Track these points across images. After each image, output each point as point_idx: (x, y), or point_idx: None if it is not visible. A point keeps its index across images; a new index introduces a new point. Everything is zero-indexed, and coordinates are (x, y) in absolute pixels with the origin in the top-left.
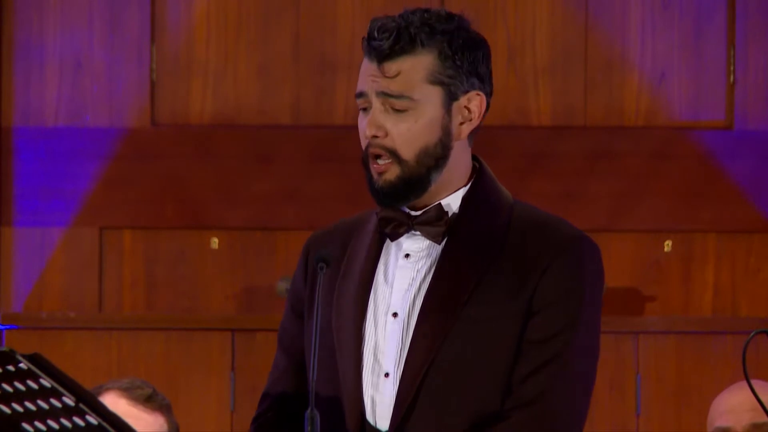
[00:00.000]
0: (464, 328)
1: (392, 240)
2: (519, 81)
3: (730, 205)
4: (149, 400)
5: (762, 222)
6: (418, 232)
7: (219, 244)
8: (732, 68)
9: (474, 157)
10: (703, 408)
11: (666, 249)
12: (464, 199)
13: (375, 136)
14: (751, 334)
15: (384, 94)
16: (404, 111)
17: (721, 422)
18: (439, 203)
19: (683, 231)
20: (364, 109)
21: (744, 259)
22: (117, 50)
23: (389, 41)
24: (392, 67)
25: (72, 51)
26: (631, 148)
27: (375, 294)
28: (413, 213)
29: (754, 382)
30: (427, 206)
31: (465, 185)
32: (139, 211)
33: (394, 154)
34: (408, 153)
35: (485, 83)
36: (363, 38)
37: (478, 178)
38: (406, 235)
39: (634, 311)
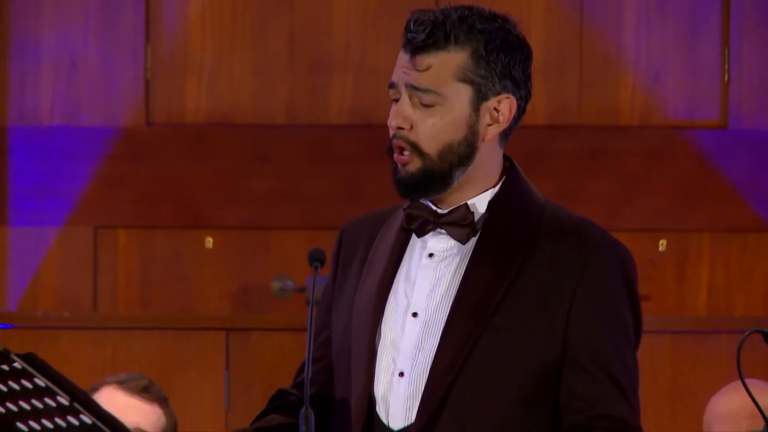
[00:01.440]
0: (492, 338)
1: (419, 236)
2: None
3: (725, 204)
4: (145, 391)
5: (757, 221)
6: (443, 231)
7: (214, 243)
8: (726, 67)
9: (506, 158)
10: (699, 407)
11: (661, 248)
12: (493, 201)
13: (400, 128)
14: (746, 333)
15: (412, 87)
16: (431, 106)
17: (718, 428)
18: (466, 203)
19: (678, 230)
20: (396, 100)
21: (739, 259)
22: (112, 49)
23: (423, 34)
24: (424, 60)
25: (67, 50)
26: (625, 148)
27: (396, 292)
28: (440, 211)
29: (749, 381)
30: (454, 205)
31: (494, 186)
32: (133, 210)
33: (415, 148)
34: (430, 148)
35: (520, 87)
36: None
37: (508, 179)
38: (431, 233)
39: None
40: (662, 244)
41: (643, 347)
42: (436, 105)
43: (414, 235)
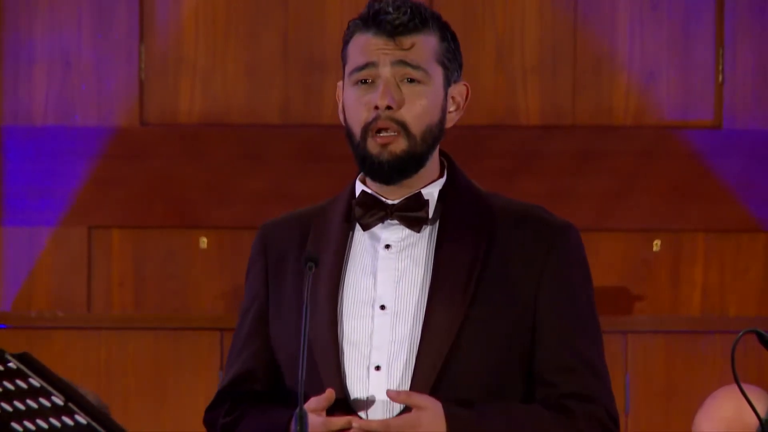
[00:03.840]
0: (471, 328)
1: (365, 229)
2: (507, 80)
3: (719, 204)
4: None
5: (750, 221)
6: (395, 221)
7: (207, 243)
8: (720, 68)
9: (441, 152)
10: (692, 407)
11: (655, 248)
12: (443, 191)
13: (389, 107)
14: (740, 333)
15: (402, 63)
16: (419, 83)
17: None
18: (419, 192)
19: (672, 230)
20: (363, 82)
21: (733, 259)
22: (106, 49)
23: (406, 16)
24: (407, 40)
25: (61, 50)
26: (619, 148)
27: (353, 285)
28: (389, 202)
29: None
30: (402, 196)
31: (439, 178)
32: (127, 210)
33: (404, 128)
34: (416, 128)
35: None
36: (362, 17)
37: (452, 171)
38: (380, 225)
39: (623, 311)
40: (656, 245)
41: (636, 347)
42: (423, 82)
43: (359, 228)
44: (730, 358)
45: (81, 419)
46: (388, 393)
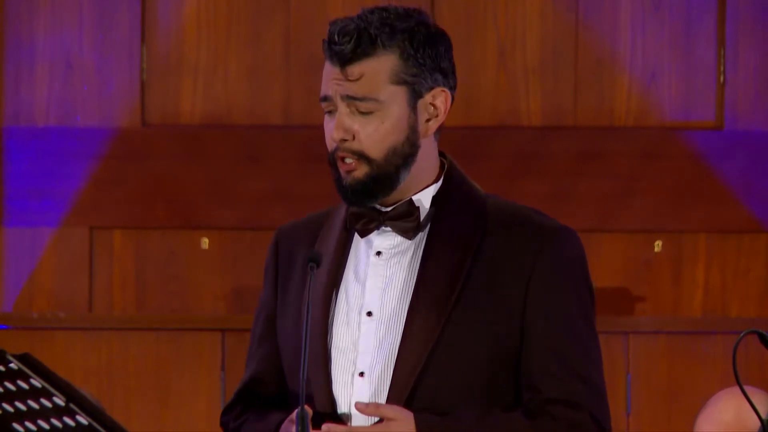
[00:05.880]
0: (453, 333)
1: (362, 236)
2: (509, 81)
3: (721, 205)
4: None
5: (752, 222)
6: (389, 228)
7: (209, 244)
8: (722, 68)
9: (441, 154)
10: (693, 408)
11: (656, 249)
12: (437, 196)
13: (343, 140)
14: (741, 334)
15: (349, 98)
16: (370, 113)
17: None
18: (410, 199)
19: (673, 231)
20: (330, 112)
21: (734, 260)
22: (107, 50)
23: (350, 45)
24: (354, 70)
25: (62, 51)
26: (621, 149)
27: (346, 292)
28: (383, 209)
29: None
30: (396, 202)
31: (435, 182)
32: (129, 211)
33: (362, 156)
34: (376, 153)
35: (449, 78)
36: (323, 41)
37: (449, 174)
38: (376, 232)
39: (625, 311)
40: (657, 245)
41: (638, 347)
42: (374, 111)
43: (357, 235)
44: (731, 358)
45: (82, 420)
46: (357, 406)
